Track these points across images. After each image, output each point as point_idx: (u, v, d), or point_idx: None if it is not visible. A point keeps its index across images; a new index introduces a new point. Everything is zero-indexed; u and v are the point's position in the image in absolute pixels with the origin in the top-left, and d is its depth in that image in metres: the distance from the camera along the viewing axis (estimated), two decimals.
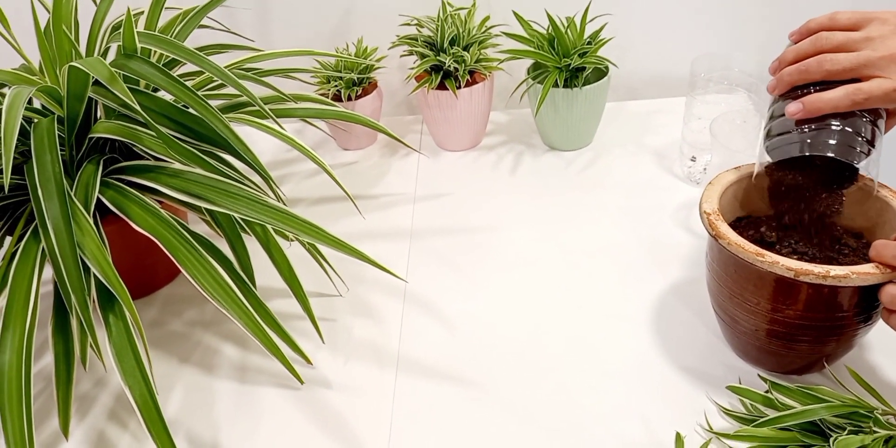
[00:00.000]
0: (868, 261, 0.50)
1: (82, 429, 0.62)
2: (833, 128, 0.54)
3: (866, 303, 0.51)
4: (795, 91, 0.56)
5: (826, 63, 0.54)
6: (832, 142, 0.53)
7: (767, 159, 0.56)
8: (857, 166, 0.53)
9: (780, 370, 0.60)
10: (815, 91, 0.54)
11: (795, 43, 0.58)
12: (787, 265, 0.50)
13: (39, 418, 0.63)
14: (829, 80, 0.54)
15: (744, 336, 0.59)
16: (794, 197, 0.57)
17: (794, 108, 0.54)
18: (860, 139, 0.53)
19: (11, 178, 0.58)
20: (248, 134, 0.65)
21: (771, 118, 0.58)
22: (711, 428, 0.57)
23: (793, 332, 0.54)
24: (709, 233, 0.55)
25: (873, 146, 0.53)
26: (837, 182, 0.56)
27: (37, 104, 0.69)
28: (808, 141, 0.54)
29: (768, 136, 0.57)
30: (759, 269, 0.52)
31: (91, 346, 0.57)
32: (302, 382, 0.64)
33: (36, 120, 0.61)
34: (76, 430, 0.62)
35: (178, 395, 0.65)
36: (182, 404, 0.64)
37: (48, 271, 0.58)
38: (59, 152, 0.56)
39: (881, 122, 0.55)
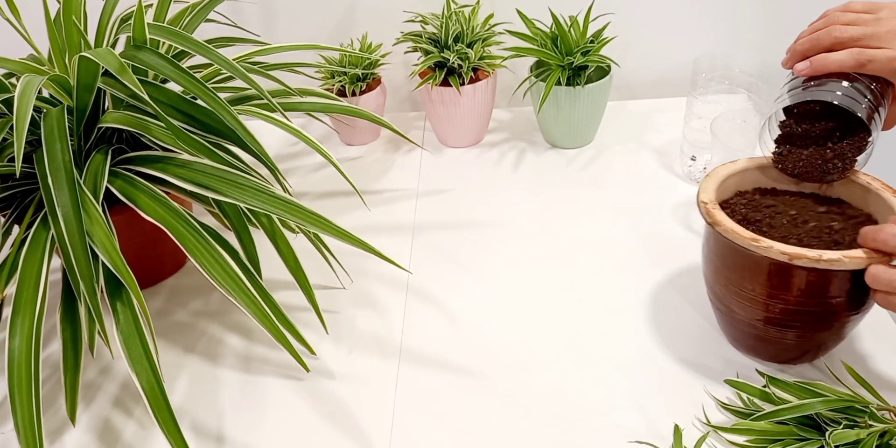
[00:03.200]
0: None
1: (88, 415, 0.63)
2: (838, 82, 0.57)
3: (858, 289, 0.53)
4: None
5: (835, 31, 0.57)
6: (838, 92, 0.56)
7: (768, 138, 0.60)
8: (857, 115, 0.55)
9: (774, 359, 0.61)
10: None
11: None
12: (781, 249, 0.51)
13: (46, 404, 0.64)
14: (837, 49, 0.57)
15: (739, 324, 0.60)
16: (802, 145, 0.60)
17: (801, 65, 0.58)
18: (865, 98, 0.56)
19: (21, 167, 0.59)
20: (253, 128, 0.65)
21: (782, 95, 0.60)
22: (709, 421, 0.57)
23: (787, 318, 0.56)
24: (706, 221, 0.56)
25: (876, 110, 0.56)
26: (845, 135, 0.58)
27: (45, 94, 0.70)
28: (814, 89, 0.57)
29: (778, 103, 0.60)
30: (755, 255, 0.53)
31: (99, 333, 0.58)
32: (308, 370, 0.65)
33: (45, 110, 0.61)
34: (82, 416, 0.63)
35: (183, 384, 0.66)
36: (187, 393, 0.65)
37: (56, 261, 0.58)
38: (69, 142, 0.57)
39: (887, 98, 0.57)
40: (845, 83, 0.56)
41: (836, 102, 0.56)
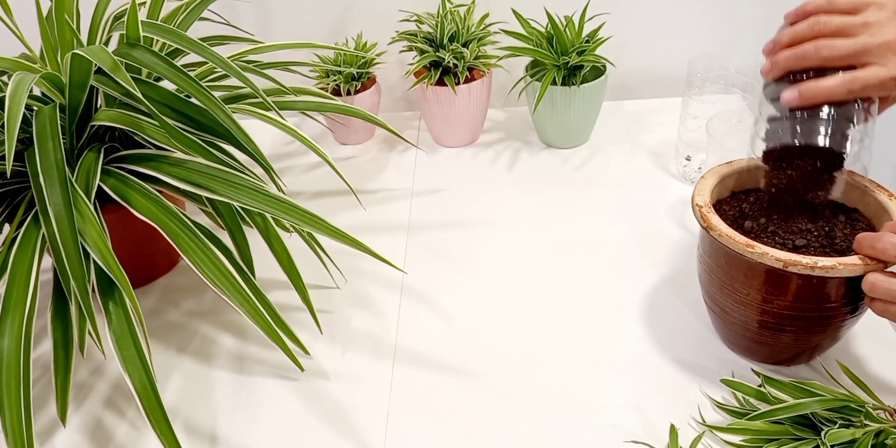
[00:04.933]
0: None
1: (79, 416, 0.62)
2: (825, 116, 0.54)
3: (853, 294, 0.53)
4: (789, 75, 0.57)
5: (823, 50, 0.54)
6: (824, 130, 0.54)
7: (760, 144, 0.58)
8: (843, 154, 0.54)
9: (769, 361, 0.61)
10: (810, 76, 0.55)
11: (791, 24, 0.57)
12: (776, 256, 0.51)
13: (36, 405, 0.63)
14: (825, 66, 0.54)
15: (734, 327, 0.60)
16: (788, 180, 0.58)
17: (789, 95, 0.54)
18: (852, 126, 0.54)
19: (11, 165, 0.58)
20: (247, 127, 0.65)
21: (764, 101, 0.59)
22: (705, 421, 0.57)
23: (782, 322, 0.56)
24: (700, 225, 0.56)
25: (865, 133, 0.54)
26: (830, 165, 0.57)
27: (37, 92, 0.69)
28: (800, 129, 0.55)
29: (761, 119, 0.58)
30: (749, 260, 0.53)
31: (90, 333, 0.57)
32: (303, 370, 0.64)
33: (36, 108, 0.61)
34: (73, 417, 0.62)
35: (176, 384, 0.65)
36: (180, 393, 0.64)
37: (47, 260, 0.58)
38: (61, 140, 0.57)
39: (874, 108, 0.56)
40: (831, 113, 0.54)
41: (825, 146, 0.54)
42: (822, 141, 0.54)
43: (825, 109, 0.55)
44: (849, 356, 0.62)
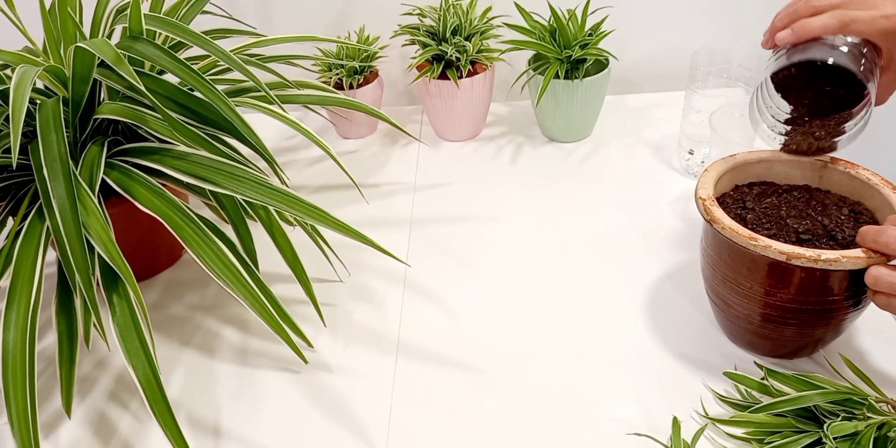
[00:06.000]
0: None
1: (83, 409, 0.63)
2: (826, 40, 0.54)
3: (856, 287, 0.53)
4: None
5: (814, 0, 0.55)
6: (825, 51, 0.54)
7: (759, 124, 0.58)
8: (863, 83, 0.53)
9: (771, 354, 0.61)
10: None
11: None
12: (779, 249, 0.51)
13: (41, 398, 0.63)
14: (816, 14, 0.55)
15: (736, 320, 0.60)
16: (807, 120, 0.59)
17: (783, 33, 0.55)
18: (863, 60, 0.54)
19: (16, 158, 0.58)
20: (249, 122, 0.65)
21: (767, 83, 0.59)
22: (707, 414, 0.57)
23: (785, 315, 0.56)
24: (703, 218, 0.56)
25: (872, 75, 0.54)
26: (840, 96, 0.57)
27: (39, 85, 0.69)
28: (800, 49, 0.55)
29: (761, 95, 0.58)
30: (752, 253, 0.53)
31: (95, 325, 0.57)
32: (306, 362, 0.64)
33: (39, 101, 0.61)
34: (77, 409, 0.62)
35: (179, 377, 0.65)
36: (183, 386, 0.64)
37: (51, 253, 0.58)
38: (65, 133, 0.57)
39: (878, 63, 0.55)
40: (832, 40, 0.54)
41: (830, 61, 0.53)
42: (824, 55, 0.54)
43: (824, 38, 0.54)
44: (851, 349, 0.62)
